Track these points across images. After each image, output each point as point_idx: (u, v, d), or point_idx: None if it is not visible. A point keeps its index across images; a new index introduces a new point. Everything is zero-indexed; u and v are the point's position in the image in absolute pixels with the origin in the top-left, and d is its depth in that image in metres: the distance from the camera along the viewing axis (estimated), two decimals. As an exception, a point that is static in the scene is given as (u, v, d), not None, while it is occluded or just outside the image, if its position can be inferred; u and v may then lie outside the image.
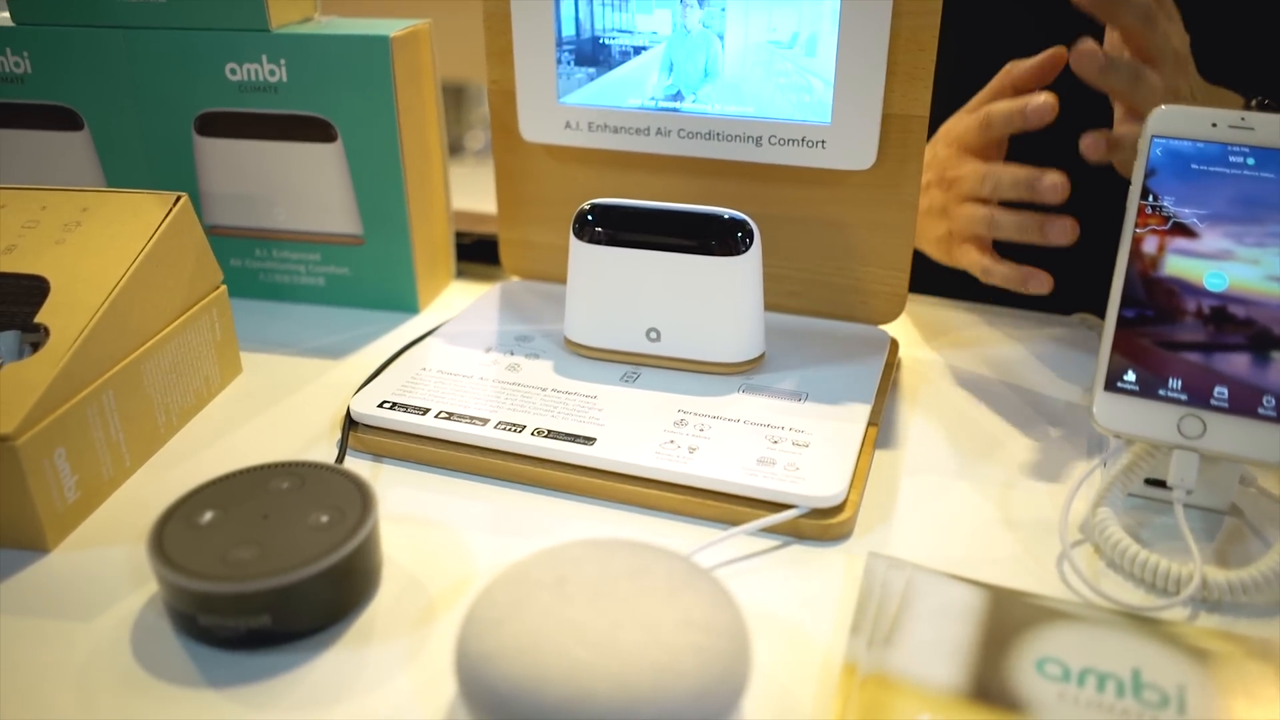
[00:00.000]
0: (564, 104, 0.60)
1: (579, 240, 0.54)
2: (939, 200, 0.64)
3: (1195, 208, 0.47)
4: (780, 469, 0.46)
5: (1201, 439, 0.43)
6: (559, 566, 0.36)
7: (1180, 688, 0.36)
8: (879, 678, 0.36)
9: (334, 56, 0.61)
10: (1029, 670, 0.37)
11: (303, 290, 0.68)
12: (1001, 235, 0.59)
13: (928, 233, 0.66)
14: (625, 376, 0.54)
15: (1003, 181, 0.59)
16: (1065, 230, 0.57)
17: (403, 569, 0.43)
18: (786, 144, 0.56)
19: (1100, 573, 0.43)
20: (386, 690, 0.37)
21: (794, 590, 0.42)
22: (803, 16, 0.54)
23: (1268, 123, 0.47)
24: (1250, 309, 0.45)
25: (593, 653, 0.32)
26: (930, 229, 0.66)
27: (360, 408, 0.51)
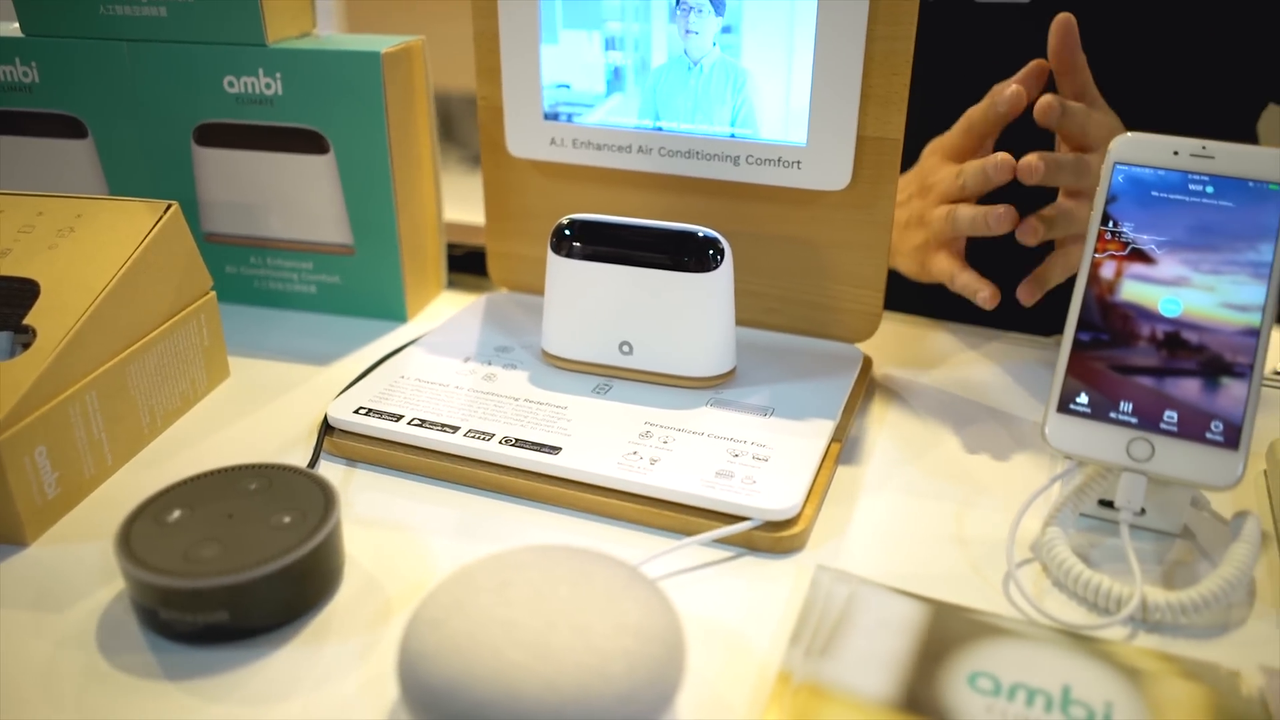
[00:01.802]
0: (549, 121, 0.61)
1: (556, 254, 0.56)
2: (918, 208, 0.65)
3: (1154, 234, 0.48)
4: (738, 482, 0.47)
5: (1150, 462, 0.44)
6: (503, 570, 0.37)
7: (1108, 705, 0.37)
8: (812, 687, 0.37)
9: (327, 71, 0.63)
10: (961, 684, 0.37)
11: (295, 298, 0.70)
12: (961, 230, 0.60)
13: (905, 244, 0.67)
14: (597, 388, 0.56)
15: (967, 171, 0.60)
16: (1003, 219, 0.58)
17: (364, 570, 0.44)
18: (763, 164, 0.58)
19: (1045, 591, 0.43)
20: (336, 687, 0.38)
21: (741, 600, 0.43)
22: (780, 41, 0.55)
23: (1228, 152, 0.47)
24: (1203, 335, 0.45)
25: (524, 654, 0.33)
26: (909, 240, 0.66)
27: (337, 413, 0.53)
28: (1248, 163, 0.47)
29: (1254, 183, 0.47)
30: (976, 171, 0.59)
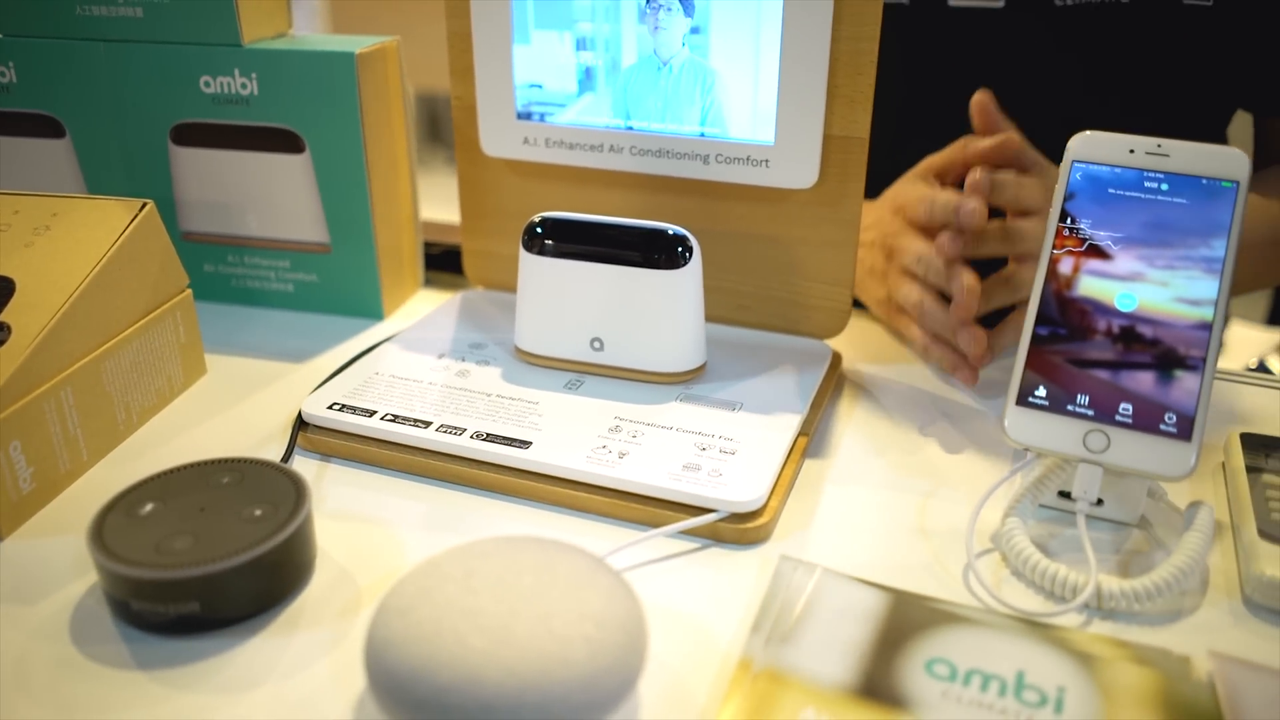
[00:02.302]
0: (522, 120, 0.62)
1: (528, 252, 0.56)
2: (880, 265, 0.65)
3: (1110, 230, 0.49)
4: (704, 475, 0.48)
5: (1105, 453, 0.45)
6: (469, 560, 0.38)
7: (1060, 689, 0.38)
8: (772, 673, 0.38)
9: (302, 71, 0.63)
10: (918, 670, 0.38)
11: (273, 296, 0.70)
12: (928, 327, 0.60)
13: (868, 292, 0.67)
14: (569, 384, 0.56)
15: (934, 268, 0.59)
16: (974, 340, 0.57)
17: (335, 562, 0.45)
18: (732, 163, 0.58)
19: (1004, 580, 0.44)
20: (305, 675, 0.39)
21: (706, 590, 0.44)
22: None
23: (1182, 150, 0.49)
24: (1157, 329, 0.46)
25: (487, 640, 0.34)
26: (871, 290, 0.67)
27: (311, 409, 0.54)
28: (1202, 160, 0.48)
29: (1207, 180, 0.48)
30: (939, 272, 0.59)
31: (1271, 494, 0.47)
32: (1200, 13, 0.71)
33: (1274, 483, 0.48)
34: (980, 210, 0.57)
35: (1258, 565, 0.42)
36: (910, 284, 0.61)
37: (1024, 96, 0.75)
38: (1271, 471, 0.49)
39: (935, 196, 0.60)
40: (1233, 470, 0.50)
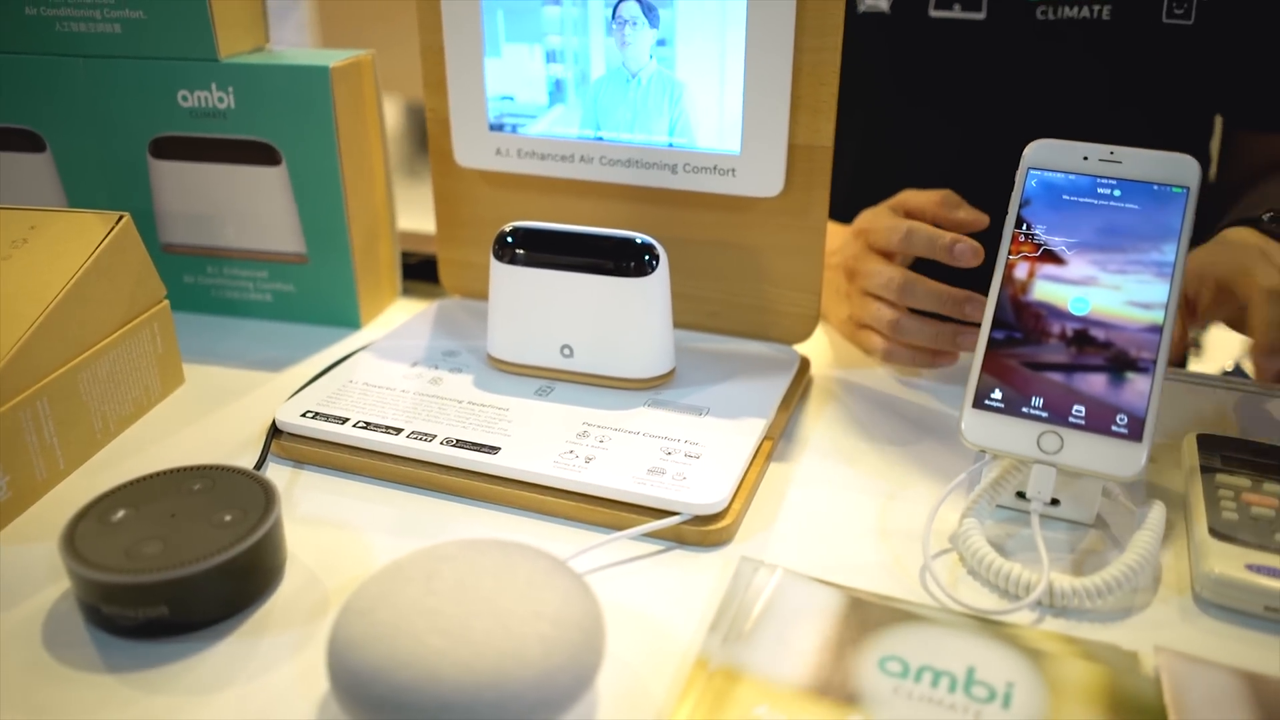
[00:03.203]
0: (494, 132, 0.63)
1: (498, 261, 0.57)
2: (843, 287, 0.66)
3: (1065, 236, 0.50)
4: (669, 478, 0.49)
5: (1059, 454, 0.46)
6: (431, 563, 0.38)
7: (1009, 684, 0.38)
8: (728, 671, 0.39)
9: (277, 85, 0.64)
10: (871, 667, 0.39)
11: (251, 306, 0.71)
12: (908, 340, 0.61)
13: (832, 312, 0.68)
14: (539, 390, 0.57)
15: (917, 293, 0.60)
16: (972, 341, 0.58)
17: (305, 567, 0.46)
18: (699, 172, 0.59)
19: (960, 579, 0.45)
20: (272, 677, 0.39)
21: (668, 591, 0.44)
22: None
23: (1134, 156, 0.50)
24: (1109, 332, 0.47)
25: (445, 640, 0.35)
26: (834, 310, 0.68)
27: (285, 417, 0.54)
28: (1153, 167, 0.49)
29: (1158, 186, 0.49)
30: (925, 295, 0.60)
31: (1224, 492, 0.48)
32: (1181, 31, 0.72)
33: (1226, 482, 0.49)
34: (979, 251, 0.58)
35: (1206, 563, 0.43)
36: (877, 304, 0.62)
37: (1003, 107, 0.76)
38: (1225, 471, 0.50)
39: (914, 226, 0.60)
40: (1188, 470, 0.51)
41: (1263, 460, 0.51)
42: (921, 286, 0.60)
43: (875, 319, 0.62)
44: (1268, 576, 0.42)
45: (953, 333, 0.59)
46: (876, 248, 0.63)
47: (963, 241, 0.58)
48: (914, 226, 0.60)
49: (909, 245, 0.60)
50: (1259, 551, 0.44)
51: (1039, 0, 0.73)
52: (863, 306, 0.63)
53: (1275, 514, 0.46)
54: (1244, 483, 0.49)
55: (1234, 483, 0.49)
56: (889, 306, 0.61)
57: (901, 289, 0.60)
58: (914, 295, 0.60)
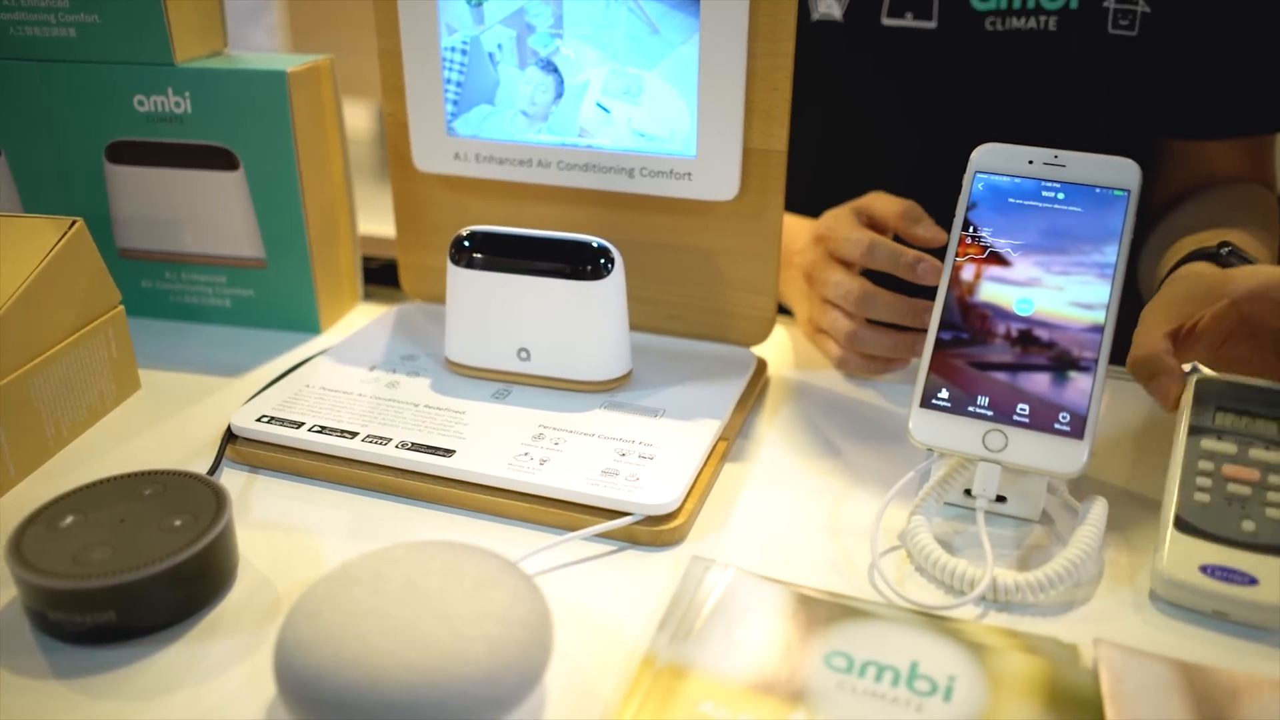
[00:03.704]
0: (453, 136, 0.63)
1: (455, 265, 0.58)
2: (804, 289, 0.66)
3: (1010, 238, 0.51)
4: (622, 479, 0.49)
5: (1003, 452, 0.47)
6: (379, 565, 0.39)
7: (951, 678, 0.39)
8: (675, 668, 0.39)
9: (234, 90, 0.64)
10: (818, 663, 0.40)
11: (210, 311, 0.71)
12: (865, 350, 0.61)
13: (796, 308, 0.69)
14: (496, 394, 0.58)
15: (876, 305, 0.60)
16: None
17: (257, 571, 0.46)
18: (656, 176, 0.60)
19: (908, 576, 0.46)
20: (220, 681, 0.39)
21: (620, 590, 0.45)
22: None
23: (1078, 160, 0.51)
24: (1053, 332, 0.48)
25: (390, 641, 0.35)
26: (797, 306, 0.69)
27: (240, 422, 0.54)
28: (1096, 170, 0.50)
29: (1100, 189, 0.50)
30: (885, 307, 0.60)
31: (1203, 464, 0.47)
32: (1125, 42, 0.73)
33: (1210, 449, 0.47)
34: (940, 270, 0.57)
35: (1161, 561, 0.44)
36: (835, 313, 0.62)
37: (953, 116, 0.77)
38: (1213, 433, 0.48)
39: (876, 241, 0.60)
40: (1179, 428, 0.48)
41: (1261, 411, 0.48)
42: (881, 299, 0.60)
43: (832, 327, 0.62)
44: (1220, 580, 0.42)
45: (911, 343, 0.60)
46: (837, 256, 0.63)
47: (926, 261, 0.58)
48: (876, 241, 0.60)
49: (871, 260, 0.60)
50: (1219, 547, 0.43)
51: (989, 11, 0.74)
52: (821, 313, 0.64)
53: (1252, 491, 0.45)
54: (1228, 449, 0.47)
55: (1218, 450, 0.47)
56: (846, 317, 0.61)
57: (860, 301, 0.60)
58: (873, 307, 0.60)
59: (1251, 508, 0.45)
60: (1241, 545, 0.43)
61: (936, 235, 0.60)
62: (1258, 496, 0.45)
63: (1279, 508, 0.44)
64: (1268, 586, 0.42)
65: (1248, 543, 0.43)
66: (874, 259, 0.60)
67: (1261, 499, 0.45)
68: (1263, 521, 0.44)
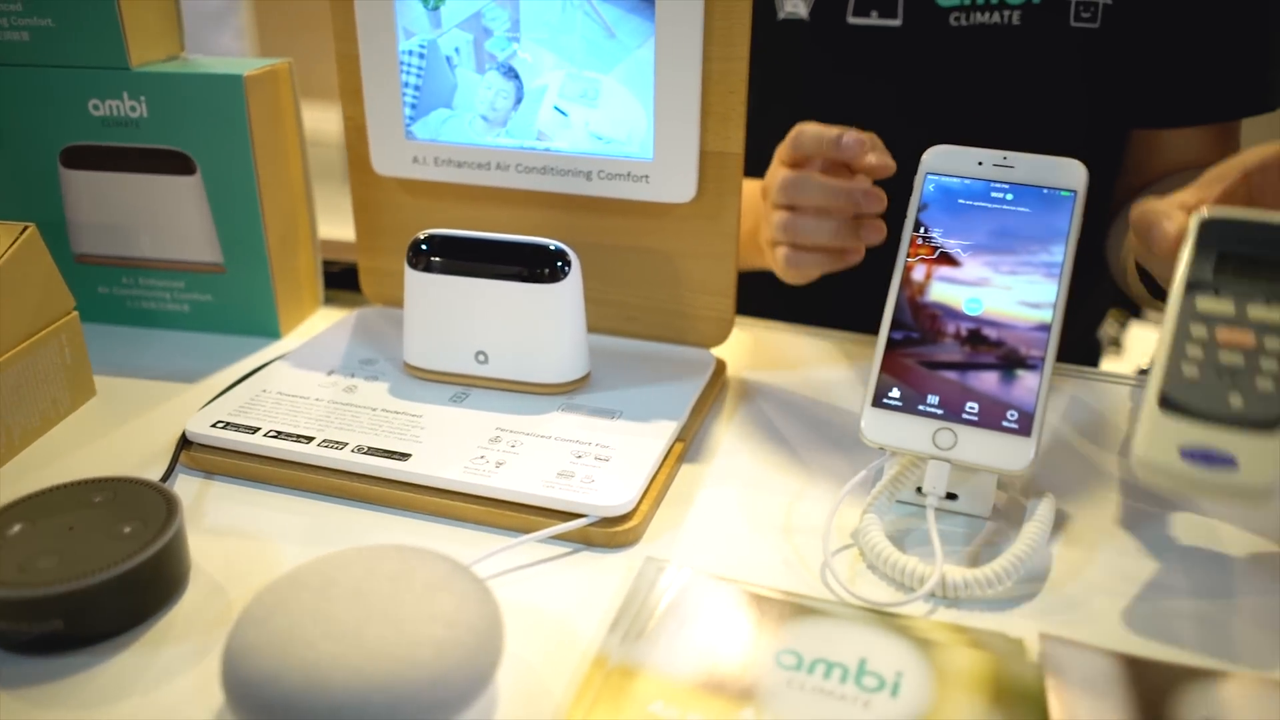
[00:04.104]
0: (411, 140, 0.63)
1: (412, 269, 0.58)
2: (761, 209, 0.66)
3: (960, 238, 0.51)
4: (577, 481, 0.49)
5: (953, 450, 0.47)
6: (329, 570, 0.39)
7: (898, 674, 0.40)
8: (625, 669, 0.39)
9: (190, 94, 0.64)
10: (768, 661, 0.40)
11: (169, 317, 0.71)
12: (803, 238, 0.61)
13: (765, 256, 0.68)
14: (454, 397, 0.58)
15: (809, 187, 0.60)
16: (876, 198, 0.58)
17: (209, 577, 0.45)
18: (613, 179, 0.60)
19: (860, 574, 0.46)
20: (169, 689, 0.39)
21: (575, 592, 0.45)
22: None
23: (1026, 162, 0.51)
24: (1001, 331, 0.49)
25: (338, 645, 0.35)
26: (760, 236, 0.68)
27: (195, 427, 0.54)
28: (1043, 171, 0.51)
29: (1048, 190, 0.51)
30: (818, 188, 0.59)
31: (1196, 330, 0.43)
32: (1088, 34, 0.74)
33: (1206, 310, 0.43)
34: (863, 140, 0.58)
35: (1138, 443, 0.41)
36: (778, 212, 0.62)
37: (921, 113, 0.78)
38: (1211, 291, 0.44)
39: (802, 128, 0.60)
40: (1175, 284, 0.45)
41: (1269, 254, 0.44)
42: (810, 180, 0.59)
43: (776, 227, 0.62)
44: (1199, 464, 0.40)
45: (852, 229, 0.59)
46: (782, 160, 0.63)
47: (849, 133, 0.58)
48: (802, 129, 0.60)
49: (800, 147, 0.60)
50: (1202, 427, 0.41)
51: (953, 7, 0.75)
52: (768, 223, 0.63)
53: (1244, 359, 0.42)
54: (1226, 309, 0.43)
55: (1214, 310, 0.43)
56: (786, 210, 0.62)
57: (790, 185, 0.60)
58: (805, 189, 0.60)
59: (1241, 380, 0.41)
60: (1226, 423, 0.40)
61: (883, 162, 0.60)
62: (1250, 365, 0.42)
63: (1270, 378, 0.41)
64: (1247, 469, 0.39)
65: (1233, 419, 0.40)
66: (802, 143, 0.60)
67: (1254, 366, 0.41)
68: (1251, 396, 0.41)
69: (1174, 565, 0.47)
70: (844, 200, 0.59)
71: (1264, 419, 0.40)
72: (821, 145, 0.60)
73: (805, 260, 0.62)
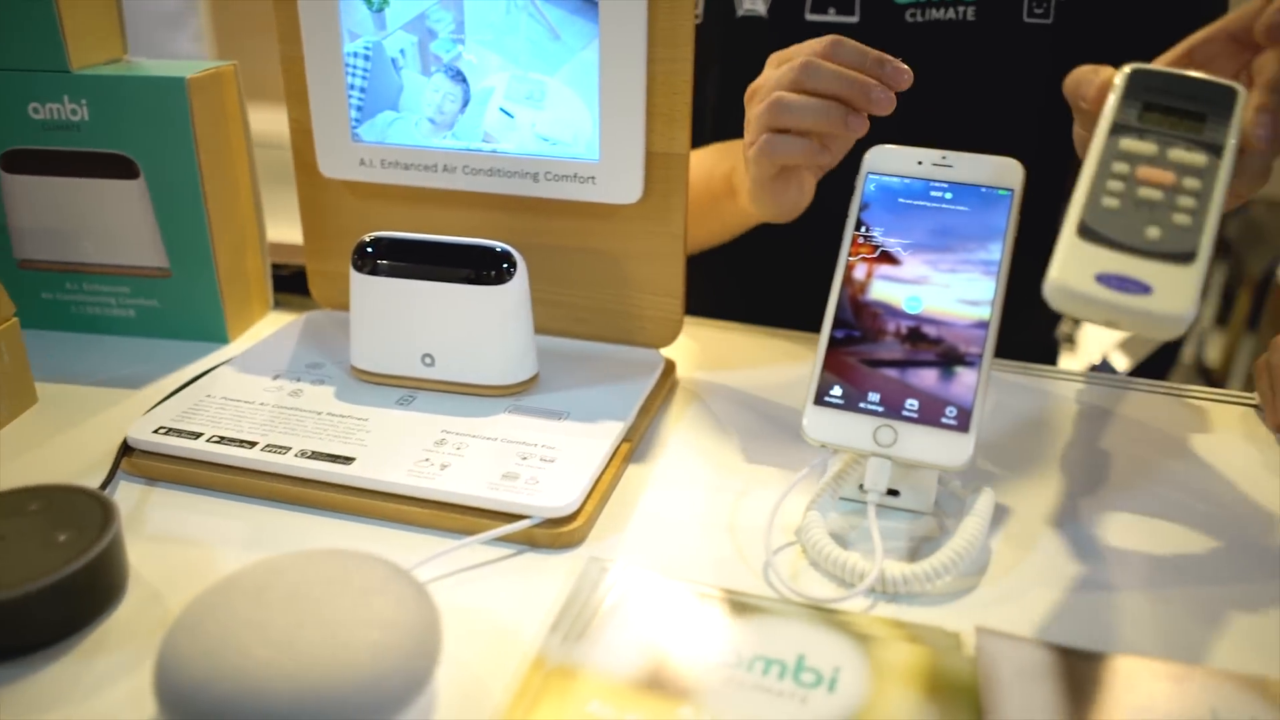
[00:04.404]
0: (357, 142, 0.63)
1: (358, 272, 0.57)
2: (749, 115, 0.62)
3: (900, 237, 0.52)
4: (522, 483, 0.49)
5: (893, 447, 0.48)
6: (264, 575, 0.38)
7: (835, 669, 0.40)
8: (564, 669, 0.40)
9: (133, 97, 0.63)
10: (707, 659, 0.40)
11: (114, 322, 0.70)
12: (793, 120, 0.57)
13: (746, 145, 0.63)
14: (401, 400, 0.57)
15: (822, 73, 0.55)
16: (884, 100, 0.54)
17: (148, 585, 0.45)
18: (560, 180, 0.60)
19: (802, 570, 0.47)
20: (103, 698, 0.39)
21: (518, 593, 0.45)
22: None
23: (965, 161, 0.52)
24: (940, 329, 0.49)
25: (271, 651, 0.35)
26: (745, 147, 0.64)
27: (137, 434, 0.53)
28: (981, 170, 0.52)
29: (986, 188, 0.51)
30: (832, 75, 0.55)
31: (1118, 167, 0.44)
32: (1041, 29, 0.75)
33: (1128, 150, 0.44)
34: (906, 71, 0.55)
35: (1056, 268, 0.41)
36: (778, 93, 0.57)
37: None
38: (1135, 131, 0.45)
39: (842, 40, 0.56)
40: (1100, 127, 0.45)
41: (1190, 107, 0.45)
42: (829, 66, 0.55)
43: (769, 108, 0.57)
44: (1114, 290, 0.40)
45: (843, 114, 0.55)
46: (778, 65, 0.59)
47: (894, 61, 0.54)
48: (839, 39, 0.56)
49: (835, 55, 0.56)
50: (1119, 255, 0.41)
51: (909, 4, 0.76)
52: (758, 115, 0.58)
53: (1163, 195, 0.42)
54: (1148, 149, 0.44)
55: (1137, 150, 0.44)
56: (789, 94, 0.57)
57: (809, 69, 0.55)
58: (821, 76, 0.55)
59: (1159, 213, 0.42)
60: (1142, 253, 0.41)
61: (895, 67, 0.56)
62: (1168, 200, 0.42)
63: (1187, 213, 0.42)
64: (1161, 295, 0.40)
65: (1149, 250, 0.41)
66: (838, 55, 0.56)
67: (1171, 203, 0.42)
68: (1169, 228, 0.41)
69: (1110, 558, 0.48)
70: (855, 90, 0.55)
71: (1179, 251, 0.41)
72: (865, 62, 0.56)
73: (784, 145, 0.58)
